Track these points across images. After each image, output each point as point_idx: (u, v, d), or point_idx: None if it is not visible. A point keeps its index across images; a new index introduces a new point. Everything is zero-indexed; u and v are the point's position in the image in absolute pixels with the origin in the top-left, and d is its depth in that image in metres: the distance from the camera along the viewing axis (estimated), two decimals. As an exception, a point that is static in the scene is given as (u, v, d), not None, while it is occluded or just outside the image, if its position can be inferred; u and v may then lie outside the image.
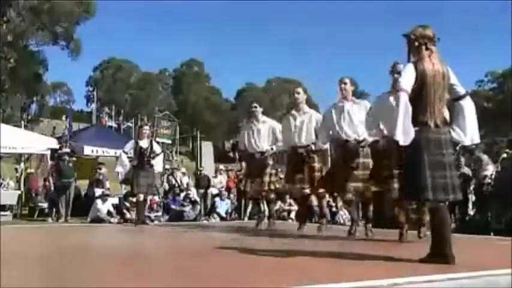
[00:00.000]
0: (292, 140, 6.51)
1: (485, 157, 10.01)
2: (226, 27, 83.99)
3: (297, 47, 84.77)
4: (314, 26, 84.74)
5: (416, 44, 3.54)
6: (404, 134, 3.32)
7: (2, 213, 11.59)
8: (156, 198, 11.27)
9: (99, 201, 10.42)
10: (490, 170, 9.79)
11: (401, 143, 3.35)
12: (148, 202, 9.68)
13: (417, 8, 59.85)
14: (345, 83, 5.82)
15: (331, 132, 5.94)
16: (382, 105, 5.19)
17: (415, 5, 63.76)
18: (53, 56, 43.42)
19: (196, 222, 10.95)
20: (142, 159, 8.41)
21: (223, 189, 13.45)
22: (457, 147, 3.92)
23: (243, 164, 8.92)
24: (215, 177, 14.40)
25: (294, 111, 6.66)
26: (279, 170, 7.62)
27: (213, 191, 13.37)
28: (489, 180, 9.60)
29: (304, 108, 6.57)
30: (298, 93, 6.67)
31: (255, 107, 7.48)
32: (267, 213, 7.64)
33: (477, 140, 3.73)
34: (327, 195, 7.09)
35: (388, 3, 73.89)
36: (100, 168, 13.11)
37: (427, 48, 3.53)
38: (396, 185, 4.43)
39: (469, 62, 65.08)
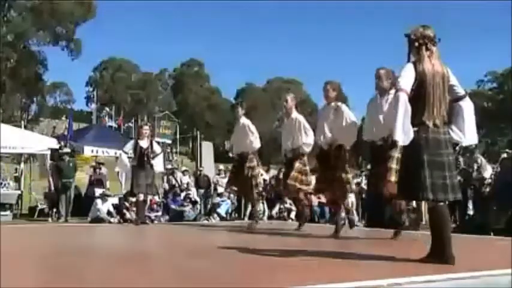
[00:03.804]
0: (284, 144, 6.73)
1: (483, 159, 10.02)
2: (226, 27, 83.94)
3: (297, 47, 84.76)
4: (314, 25, 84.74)
5: (417, 44, 3.54)
6: (403, 134, 3.32)
7: (2, 213, 11.60)
8: (156, 198, 11.27)
9: (99, 201, 10.41)
10: (489, 171, 9.80)
11: (400, 143, 3.35)
12: (148, 202, 9.67)
13: (417, 7, 59.84)
14: (326, 90, 5.98)
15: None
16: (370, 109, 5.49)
17: (416, 4, 63.73)
18: (53, 56, 43.48)
19: (196, 222, 10.95)
20: (142, 159, 8.41)
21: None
22: (457, 148, 3.92)
23: None
24: (224, 177, 14.10)
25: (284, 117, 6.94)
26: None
27: (220, 190, 13.28)
28: (489, 181, 9.61)
29: (292, 114, 6.71)
30: (286, 101, 6.80)
31: (236, 108, 7.78)
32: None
33: (475, 141, 3.75)
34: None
35: (388, 2, 73.83)
36: (100, 168, 13.12)
37: (427, 49, 3.52)
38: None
39: (469, 62, 65.01)
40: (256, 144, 7.26)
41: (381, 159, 5.05)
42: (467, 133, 3.64)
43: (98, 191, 11.72)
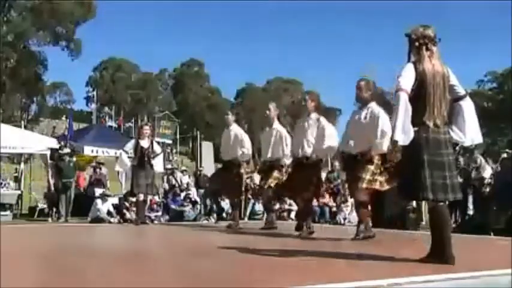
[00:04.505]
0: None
1: (482, 159, 10.00)
2: (226, 27, 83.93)
3: (297, 47, 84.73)
4: (314, 25, 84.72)
5: (417, 44, 3.53)
6: (403, 133, 3.32)
7: (2, 213, 11.59)
8: (156, 198, 11.26)
9: (99, 201, 10.40)
10: (488, 171, 9.79)
11: (400, 142, 3.34)
12: (148, 202, 9.67)
13: (417, 7, 59.82)
14: (305, 100, 6.09)
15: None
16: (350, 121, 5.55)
17: (416, 4, 63.73)
18: (53, 56, 43.46)
19: (196, 222, 10.95)
20: (142, 159, 8.41)
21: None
22: (457, 147, 3.91)
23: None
24: None
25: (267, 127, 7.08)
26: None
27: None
28: (489, 181, 9.60)
29: (274, 124, 6.87)
30: (269, 110, 6.96)
31: (227, 114, 7.93)
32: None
33: (479, 140, 3.73)
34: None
35: (388, 2, 73.78)
36: (100, 168, 13.11)
37: (427, 49, 3.52)
38: None
39: (469, 62, 64.94)
40: (248, 154, 7.39)
41: (356, 166, 5.17)
42: (468, 133, 3.62)
43: (98, 191, 11.72)
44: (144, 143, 8.53)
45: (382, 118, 5.18)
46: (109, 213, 10.25)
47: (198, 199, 12.47)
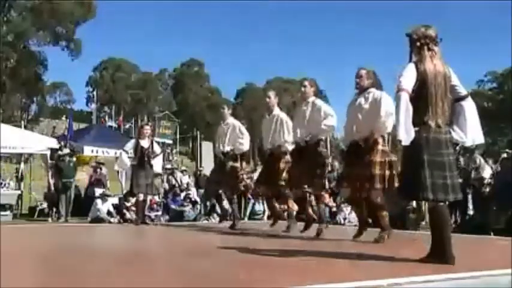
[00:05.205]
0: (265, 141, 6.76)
1: (482, 159, 10.01)
2: (226, 27, 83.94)
3: (297, 47, 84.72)
4: (314, 25, 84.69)
5: (418, 44, 3.53)
6: (406, 133, 3.31)
7: (2, 213, 11.59)
8: (156, 198, 11.26)
9: (99, 201, 10.40)
10: (488, 171, 9.78)
11: (403, 143, 3.34)
12: (148, 202, 9.67)
13: (417, 7, 59.83)
14: (304, 86, 6.03)
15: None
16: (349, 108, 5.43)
17: (415, 4, 63.74)
18: (53, 56, 43.53)
19: (196, 222, 10.95)
20: (142, 159, 8.41)
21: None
22: (457, 147, 3.91)
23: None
24: None
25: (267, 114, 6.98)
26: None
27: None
28: (489, 181, 9.60)
29: (274, 111, 6.77)
30: (269, 97, 6.89)
31: (223, 108, 7.84)
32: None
33: (480, 140, 3.71)
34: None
35: (388, 2, 73.80)
36: (100, 168, 13.11)
37: (429, 49, 3.51)
38: None
39: (469, 62, 64.93)
40: (246, 146, 7.30)
41: (360, 160, 5.02)
42: (469, 133, 3.61)
43: (98, 191, 11.72)
44: (144, 143, 8.54)
45: (385, 98, 5.02)
46: (109, 213, 10.25)
47: (198, 199, 12.47)
